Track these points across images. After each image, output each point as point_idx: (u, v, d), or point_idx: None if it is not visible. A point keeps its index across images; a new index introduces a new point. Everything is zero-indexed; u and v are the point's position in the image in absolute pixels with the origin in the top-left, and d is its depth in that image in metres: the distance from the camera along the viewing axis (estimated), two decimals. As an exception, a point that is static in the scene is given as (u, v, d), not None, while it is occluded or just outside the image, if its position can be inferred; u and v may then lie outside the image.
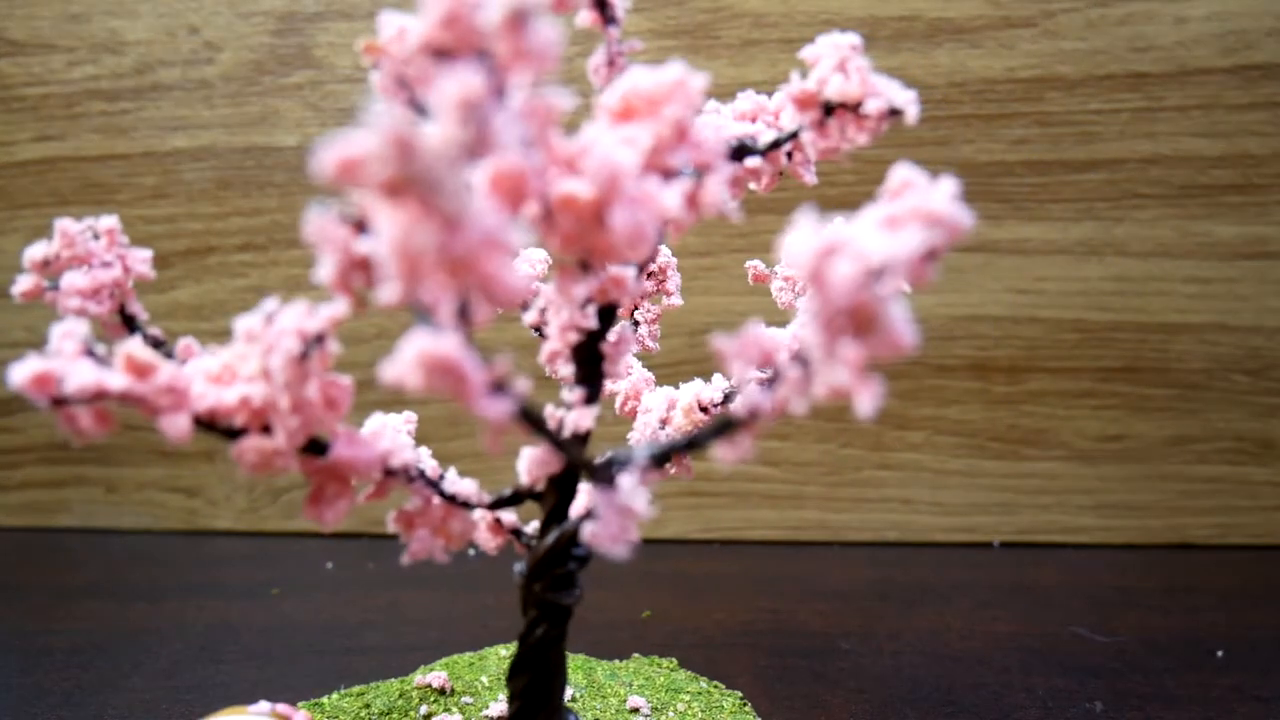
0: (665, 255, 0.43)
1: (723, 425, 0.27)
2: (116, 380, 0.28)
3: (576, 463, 0.29)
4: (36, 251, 0.35)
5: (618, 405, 0.44)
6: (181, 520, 0.98)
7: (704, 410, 0.41)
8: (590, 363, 0.36)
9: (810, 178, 0.36)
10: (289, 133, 0.91)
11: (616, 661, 0.63)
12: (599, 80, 0.35)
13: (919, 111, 0.31)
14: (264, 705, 0.39)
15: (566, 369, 0.37)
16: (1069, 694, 0.63)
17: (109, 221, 0.37)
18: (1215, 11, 0.83)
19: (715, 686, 0.60)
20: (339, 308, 0.29)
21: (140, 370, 0.28)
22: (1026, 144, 0.87)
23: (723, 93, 0.37)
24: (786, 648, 0.70)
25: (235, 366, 0.30)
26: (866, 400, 0.23)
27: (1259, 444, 0.89)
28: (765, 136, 0.36)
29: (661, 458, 0.29)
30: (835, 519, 0.94)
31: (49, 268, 0.35)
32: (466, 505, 0.36)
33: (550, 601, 0.37)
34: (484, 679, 0.60)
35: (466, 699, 0.58)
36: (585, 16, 0.36)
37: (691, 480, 0.88)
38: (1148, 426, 0.90)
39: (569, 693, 0.58)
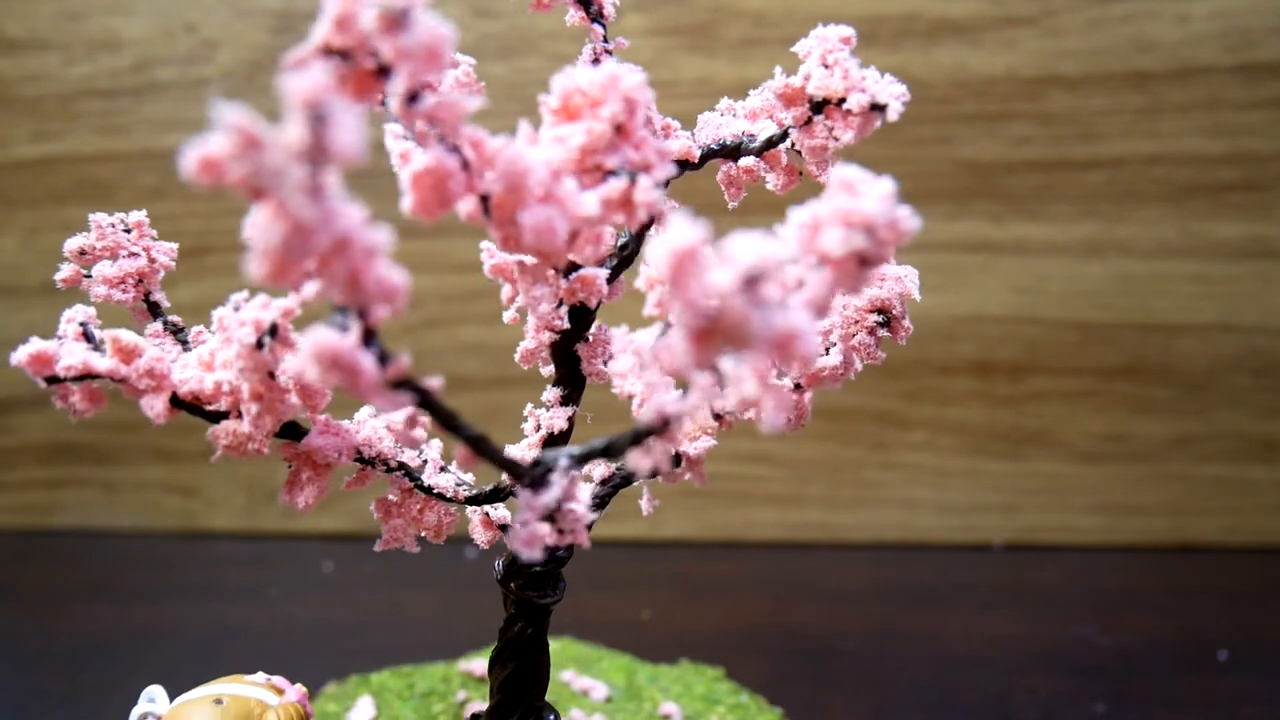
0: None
1: (639, 433, 0.27)
2: (103, 362, 0.31)
3: (496, 464, 0.28)
4: (74, 243, 0.37)
5: (634, 406, 0.43)
6: (180, 521, 0.98)
7: (718, 418, 0.40)
8: (569, 363, 0.36)
9: (826, 177, 0.35)
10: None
11: (662, 666, 0.62)
12: None
13: (901, 107, 0.30)
14: (260, 676, 0.40)
15: (547, 368, 0.38)
16: (1071, 695, 0.63)
17: (138, 215, 0.38)
18: (1218, 10, 0.83)
19: (755, 700, 0.59)
20: (290, 301, 0.30)
21: (126, 354, 0.31)
22: (1028, 143, 0.86)
23: (723, 92, 0.37)
24: (786, 648, 0.70)
25: (218, 354, 0.32)
26: (770, 413, 0.22)
27: (1262, 444, 0.89)
28: (764, 135, 0.36)
29: (583, 461, 0.28)
30: (836, 519, 0.93)
31: (85, 257, 0.37)
32: (444, 498, 0.37)
33: (525, 600, 0.38)
34: None
35: None
36: (574, 15, 0.36)
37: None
38: (1150, 427, 0.90)
39: (604, 692, 0.58)
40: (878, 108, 0.31)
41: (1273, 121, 0.84)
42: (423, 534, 0.37)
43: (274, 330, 0.29)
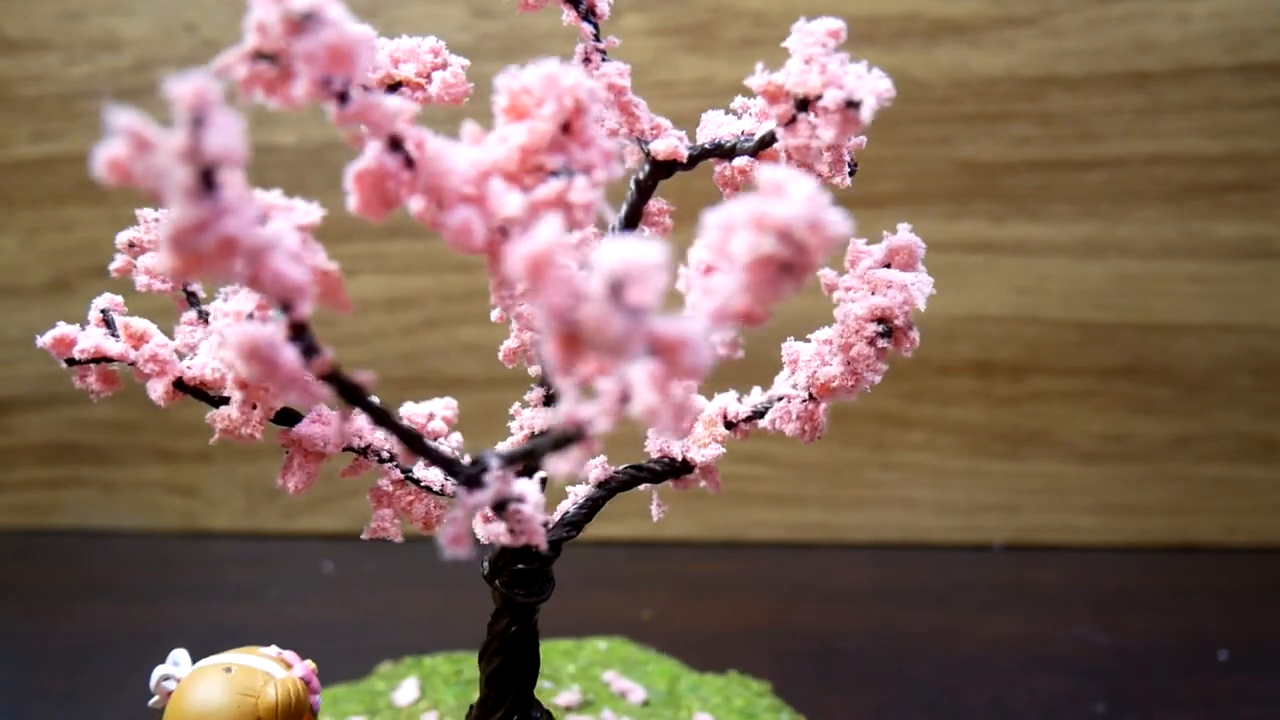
0: None
1: (558, 439, 0.26)
2: (115, 346, 0.34)
3: (433, 461, 0.28)
4: (125, 236, 0.38)
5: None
6: (180, 521, 0.98)
7: (729, 426, 0.40)
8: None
9: (842, 180, 0.34)
10: (287, 131, 0.91)
11: (709, 675, 0.62)
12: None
13: (876, 105, 0.29)
14: (273, 650, 0.42)
15: (533, 368, 0.39)
16: (1071, 696, 0.63)
17: None
18: (1218, 10, 0.83)
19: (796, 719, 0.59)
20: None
21: (136, 339, 0.34)
22: (1028, 143, 0.86)
23: (723, 92, 0.36)
24: (787, 648, 0.70)
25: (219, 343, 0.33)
26: (664, 423, 0.21)
27: (1262, 444, 0.89)
28: (760, 135, 0.35)
29: (511, 462, 0.28)
30: (836, 519, 0.93)
31: (134, 249, 0.38)
32: (432, 491, 0.38)
33: (509, 598, 0.38)
34: (571, 668, 0.62)
35: (546, 684, 0.59)
36: (569, 15, 0.36)
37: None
38: (1150, 427, 0.90)
39: (642, 695, 0.58)
40: (853, 105, 0.29)
41: (1273, 122, 0.84)
42: (415, 525, 0.38)
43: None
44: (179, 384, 0.34)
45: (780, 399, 0.38)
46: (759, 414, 0.39)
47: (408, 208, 0.26)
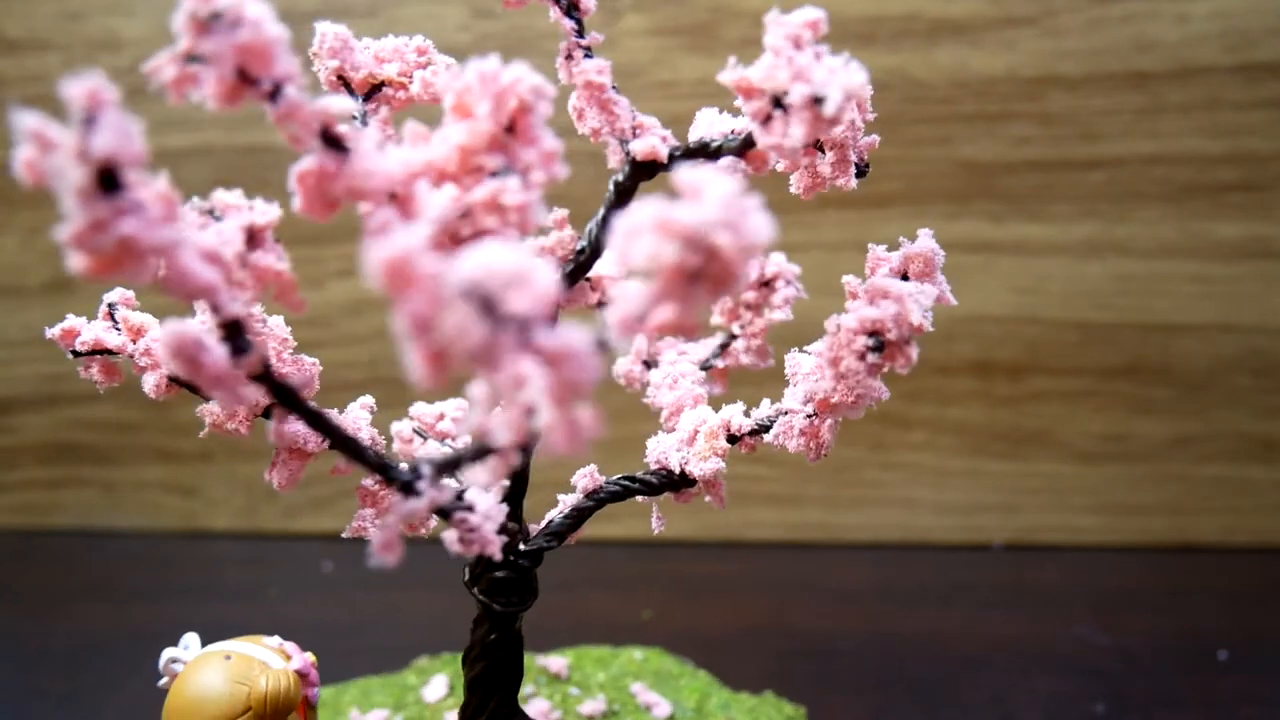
0: (778, 264, 0.36)
1: (476, 450, 0.26)
2: (114, 339, 0.35)
3: (369, 467, 0.28)
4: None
5: (663, 419, 0.41)
6: (180, 521, 0.98)
7: (732, 439, 0.38)
8: None
9: (848, 180, 0.33)
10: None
11: (744, 694, 0.61)
12: (564, 75, 0.34)
13: (842, 101, 0.26)
14: (275, 640, 0.43)
15: None
16: (1071, 696, 0.63)
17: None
18: (1217, 10, 0.83)
19: None
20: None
21: (134, 332, 0.35)
22: (1028, 143, 0.86)
23: (723, 92, 0.36)
24: (786, 648, 0.70)
25: None
26: (559, 439, 0.20)
27: (1262, 444, 0.89)
28: (746, 134, 0.33)
29: (442, 470, 0.27)
30: (836, 519, 0.93)
31: None
32: None
33: (487, 605, 0.37)
34: (601, 676, 0.61)
35: (574, 690, 0.59)
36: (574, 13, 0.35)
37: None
38: (1150, 427, 0.90)
39: (668, 710, 0.58)
40: (818, 101, 0.27)
41: (1272, 122, 0.84)
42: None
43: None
44: (172, 378, 0.34)
45: (785, 413, 0.36)
46: (764, 428, 0.38)
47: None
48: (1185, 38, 0.84)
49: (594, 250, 0.35)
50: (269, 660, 0.41)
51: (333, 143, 0.25)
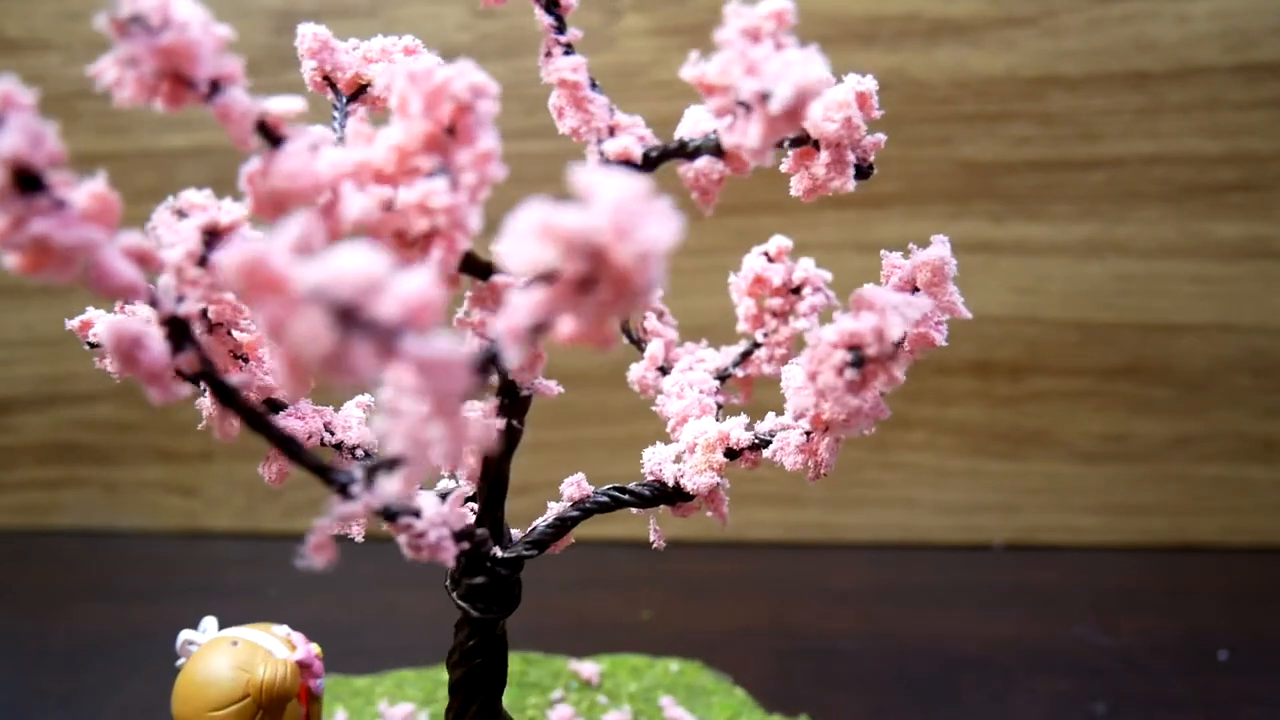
0: (806, 269, 0.34)
1: (390, 458, 0.25)
2: None
3: (309, 469, 0.28)
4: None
5: (669, 429, 0.40)
6: (180, 521, 0.98)
7: (733, 454, 0.37)
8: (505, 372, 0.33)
9: (844, 181, 0.31)
10: (288, 132, 0.91)
11: (776, 716, 0.59)
12: (544, 73, 0.33)
13: (790, 98, 0.25)
14: (283, 629, 0.44)
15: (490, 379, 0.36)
16: (1071, 695, 0.63)
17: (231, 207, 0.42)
18: (1217, 10, 0.83)
19: None
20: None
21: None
22: (1028, 143, 0.86)
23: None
24: (786, 648, 0.70)
25: None
26: (437, 456, 0.19)
27: (1262, 444, 0.89)
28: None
29: (371, 475, 0.27)
30: (836, 519, 0.93)
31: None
32: None
33: (465, 610, 0.36)
34: (633, 686, 0.60)
35: (602, 698, 0.59)
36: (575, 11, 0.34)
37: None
38: (1150, 427, 0.90)
39: None
40: (764, 98, 0.25)
41: (1272, 122, 0.84)
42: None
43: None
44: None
45: (784, 429, 0.35)
46: (764, 443, 0.36)
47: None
48: (1185, 38, 0.84)
49: None
50: (273, 649, 0.42)
51: (277, 144, 0.25)
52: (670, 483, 0.37)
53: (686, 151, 0.30)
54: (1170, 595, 0.80)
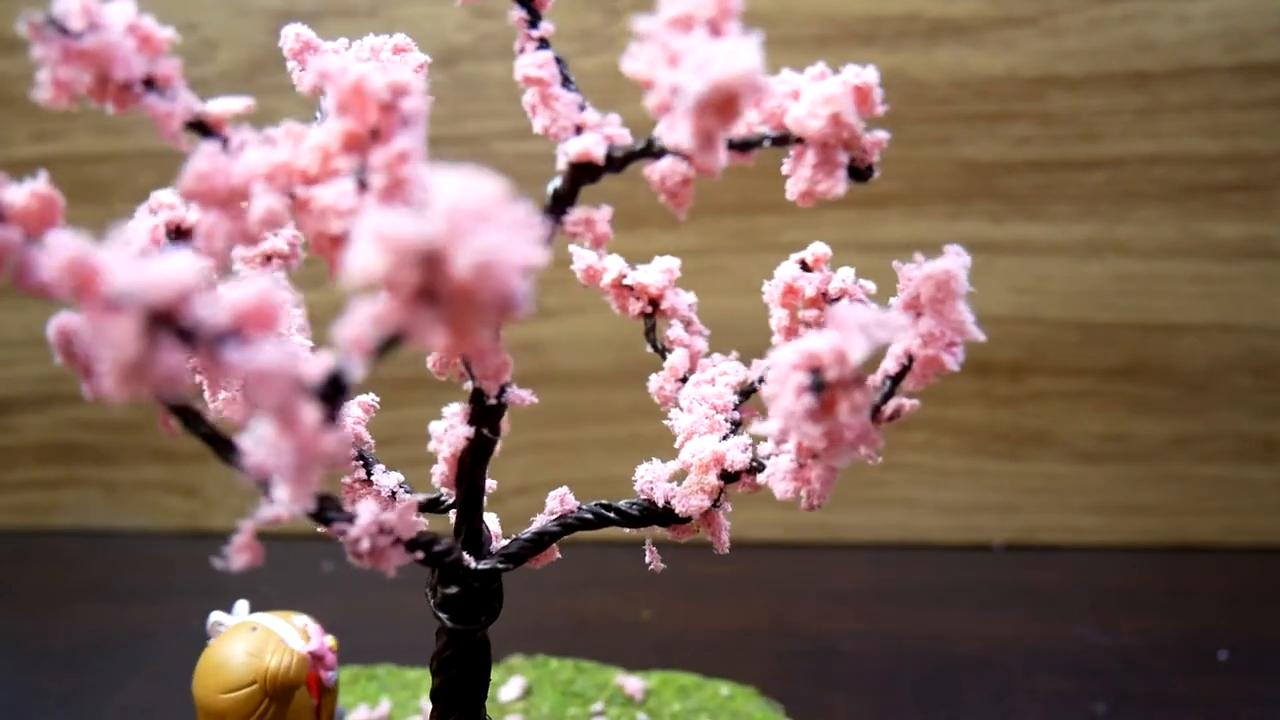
0: (844, 279, 0.33)
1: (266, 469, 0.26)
2: None
3: (232, 465, 0.27)
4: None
5: (677, 444, 0.38)
6: (180, 521, 0.98)
7: (728, 478, 0.34)
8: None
9: (832, 185, 0.29)
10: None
11: None
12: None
13: (703, 91, 0.23)
14: (301, 619, 0.46)
15: (466, 383, 0.35)
16: (1071, 695, 0.63)
17: None
18: (1218, 10, 0.83)
19: None
20: None
21: None
22: (1028, 143, 0.86)
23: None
24: (786, 648, 0.70)
25: None
26: (288, 486, 0.19)
27: (1262, 444, 0.89)
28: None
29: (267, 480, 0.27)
30: (836, 519, 0.93)
31: None
32: (382, 495, 0.36)
33: (440, 620, 0.35)
34: (677, 706, 0.59)
35: (643, 716, 0.58)
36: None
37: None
38: (1150, 427, 0.90)
39: None
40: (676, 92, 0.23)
41: (1272, 121, 0.84)
42: None
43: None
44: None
45: (775, 454, 0.33)
46: (761, 467, 0.34)
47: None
48: (1185, 38, 0.84)
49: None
50: (288, 638, 0.44)
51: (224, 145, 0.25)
52: (660, 503, 0.35)
53: (653, 151, 0.28)
54: (1170, 595, 0.80)
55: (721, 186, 0.86)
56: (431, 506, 0.37)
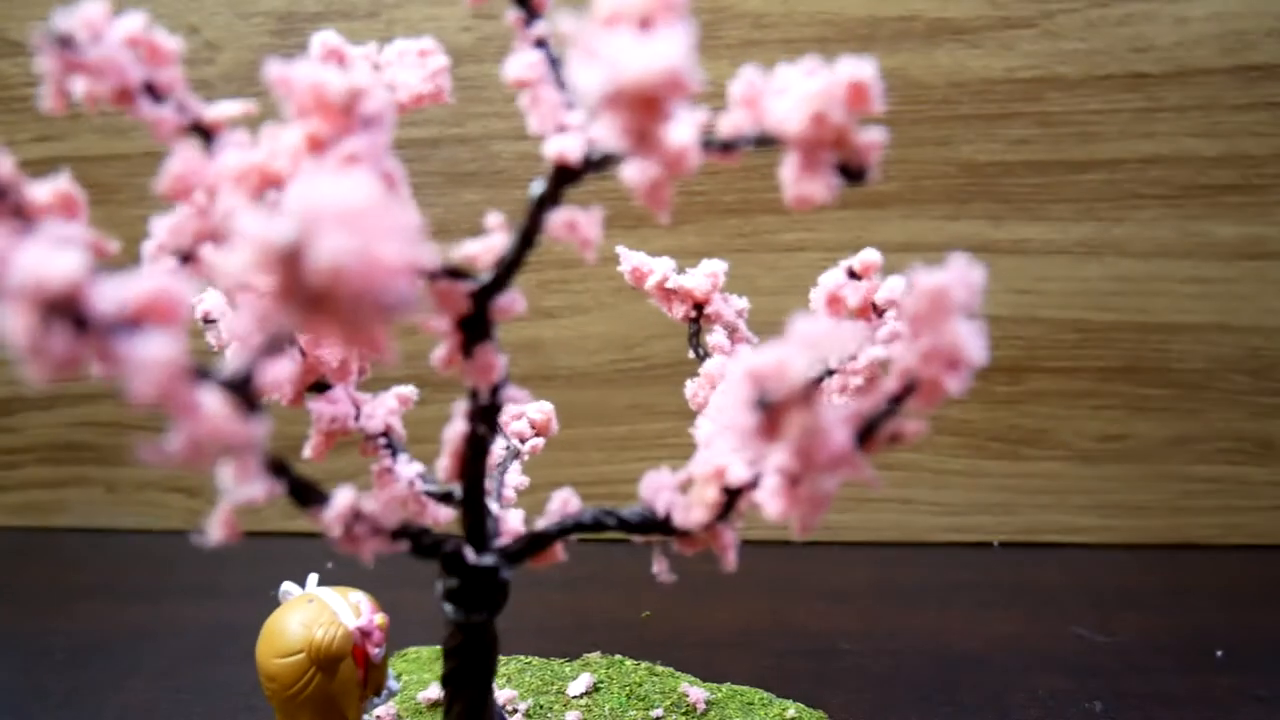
0: (892, 290, 0.31)
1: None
2: None
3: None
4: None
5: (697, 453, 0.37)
6: (182, 520, 0.98)
7: (731, 494, 0.33)
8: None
9: (818, 188, 0.27)
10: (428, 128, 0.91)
11: None
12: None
13: (614, 88, 0.22)
14: (357, 595, 0.48)
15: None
16: (1069, 694, 0.63)
17: None
18: (1215, 12, 0.83)
19: None
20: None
21: None
22: (1026, 144, 0.87)
23: (724, 93, 0.36)
24: (786, 648, 0.70)
25: None
26: (242, 486, 0.19)
27: (1259, 444, 0.89)
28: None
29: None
30: (835, 519, 0.93)
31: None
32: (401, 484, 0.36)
33: (444, 611, 0.35)
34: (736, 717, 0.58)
35: None
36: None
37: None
38: (1148, 426, 0.90)
39: None
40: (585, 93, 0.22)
41: (1269, 123, 0.85)
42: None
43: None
44: None
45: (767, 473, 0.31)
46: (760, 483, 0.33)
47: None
48: (1183, 39, 0.84)
49: (516, 257, 0.29)
50: (340, 613, 0.46)
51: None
52: (660, 513, 0.34)
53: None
54: (1168, 594, 0.80)
55: (722, 186, 0.86)
56: (446, 499, 0.37)
